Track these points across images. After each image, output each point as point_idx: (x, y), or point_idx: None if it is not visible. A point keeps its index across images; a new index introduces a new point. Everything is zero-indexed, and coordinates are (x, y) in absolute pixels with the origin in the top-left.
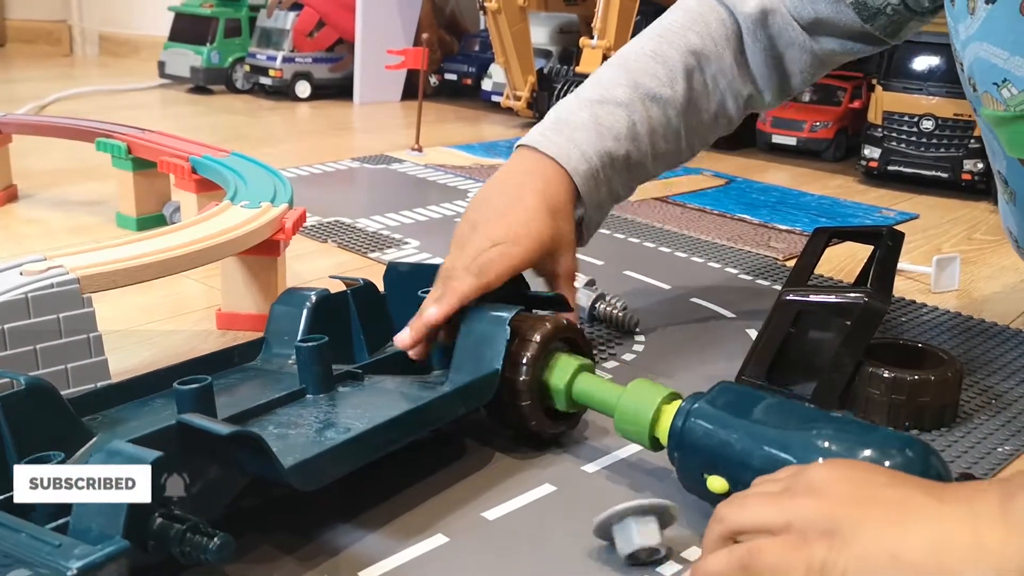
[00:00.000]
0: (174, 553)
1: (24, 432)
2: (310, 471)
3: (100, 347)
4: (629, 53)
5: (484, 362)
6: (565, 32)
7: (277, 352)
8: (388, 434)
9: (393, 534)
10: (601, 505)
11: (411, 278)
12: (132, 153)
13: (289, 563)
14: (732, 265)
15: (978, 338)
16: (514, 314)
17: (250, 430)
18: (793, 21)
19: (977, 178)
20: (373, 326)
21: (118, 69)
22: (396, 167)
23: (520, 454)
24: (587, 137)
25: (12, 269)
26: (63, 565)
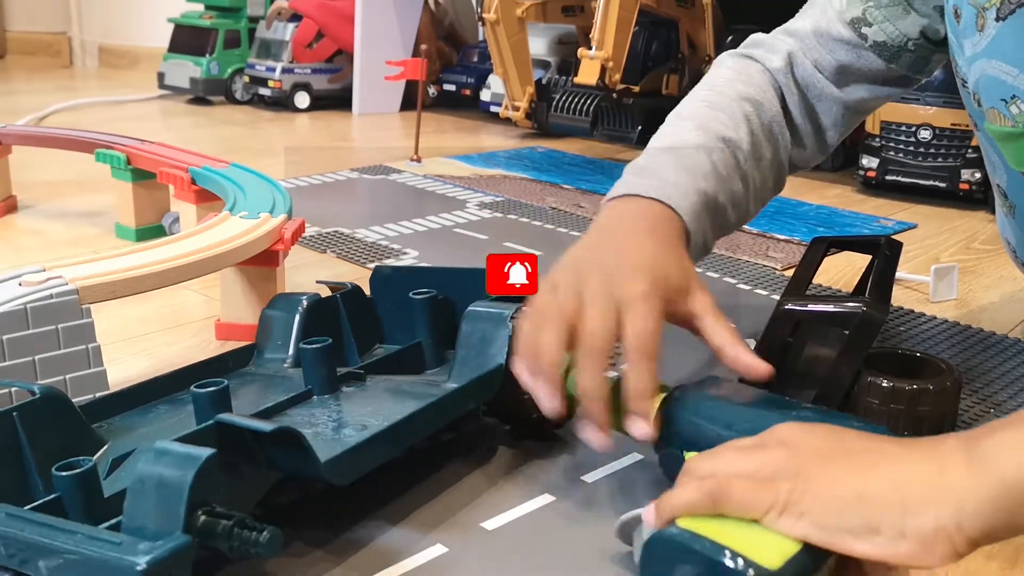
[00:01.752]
0: (222, 548)
1: (39, 440)
2: (344, 466)
3: (99, 358)
4: (683, 109)
5: (488, 357)
6: (563, 43)
7: (270, 357)
8: (410, 428)
9: (392, 544)
10: (600, 515)
11: (397, 281)
12: (131, 164)
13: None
14: (731, 275)
15: (976, 347)
16: (514, 311)
17: (290, 427)
18: (818, 73)
19: (975, 188)
20: (363, 329)
21: (118, 81)
22: (395, 177)
23: (517, 463)
24: (677, 177)
25: (11, 280)
26: (131, 560)
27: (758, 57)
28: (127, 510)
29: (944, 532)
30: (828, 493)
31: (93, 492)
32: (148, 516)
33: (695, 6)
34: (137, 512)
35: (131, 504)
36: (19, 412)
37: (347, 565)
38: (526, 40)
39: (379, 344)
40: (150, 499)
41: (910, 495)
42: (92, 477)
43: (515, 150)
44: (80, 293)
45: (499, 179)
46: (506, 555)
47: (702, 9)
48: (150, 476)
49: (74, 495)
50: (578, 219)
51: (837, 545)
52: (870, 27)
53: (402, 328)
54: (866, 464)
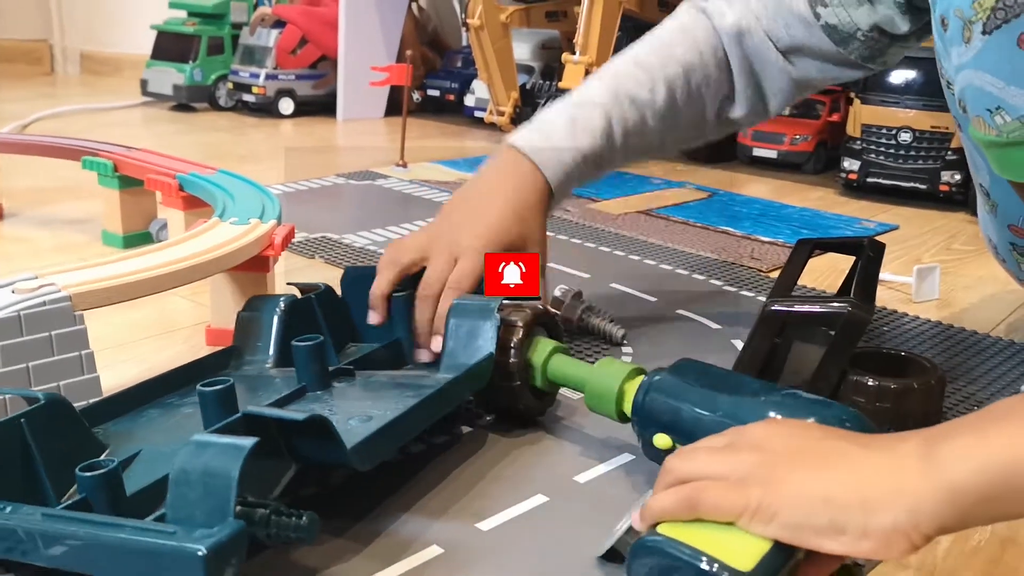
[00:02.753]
0: (259, 536)
1: (46, 445)
2: (367, 452)
3: (92, 364)
4: (615, 63)
5: (477, 349)
6: (547, 48)
7: (250, 359)
8: (419, 416)
9: (388, 546)
10: (593, 515)
11: (367, 280)
12: (119, 171)
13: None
14: (716, 277)
15: (959, 346)
16: (499, 303)
17: (321, 415)
18: (770, 42)
19: (955, 189)
20: (337, 327)
21: (100, 88)
22: (381, 183)
23: (511, 464)
24: (562, 134)
25: (4, 287)
26: (192, 547)
27: (711, 12)
28: (171, 502)
29: (902, 531)
30: (797, 495)
31: (118, 491)
32: (195, 506)
33: None
34: (183, 503)
35: (175, 496)
36: (26, 419)
37: (344, 567)
38: (510, 45)
39: (352, 343)
40: (196, 490)
41: (871, 497)
42: (116, 476)
43: None
44: (73, 300)
45: None
46: (501, 555)
47: None
48: (194, 468)
49: (100, 494)
50: (564, 223)
51: (806, 543)
52: (825, 8)
53: (375, 327)
54: (831, 466)
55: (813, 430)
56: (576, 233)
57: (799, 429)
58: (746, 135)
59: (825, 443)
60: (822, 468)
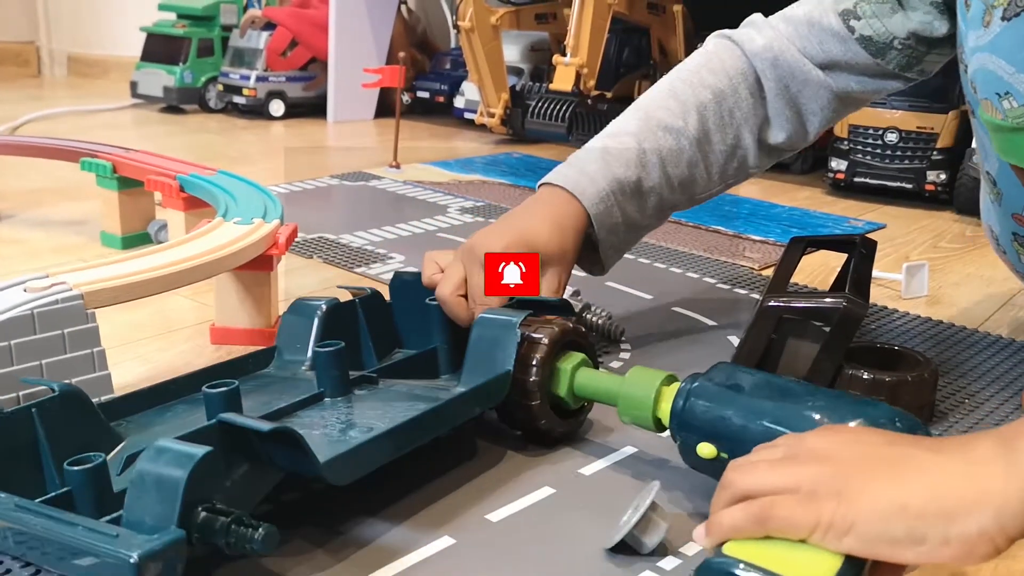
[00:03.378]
0: (219, 544)
1: (58, 436)
2: (343, 466)
3: (104, 361)
4: (645, 95)
5: (496, 364)
6: (536, 50)
7: (289, 359)
8: (412, 432)
9: (402, 537)
10: (600, 505)
11: (416, 287)
12: (118, 172)
13: (297, 566)
14: (710, 275)
15: (948, 341)
16: (523, 318)
17: (288, 427)
18: (804, 59)
19: (940, 189)
20: (380, 333)
21: (88, 90)
22: (375, 184)
23: (518, 458)
24: (596, 166)
25: (16, 286)
26: (125, 553)
27: (739, 39)
28: (128, 504)
29: (987, 535)
30: (872, 507)
31: (103, 487)
32: (147, 511)
33: (666, 13)
34: (136, 507)
35: (131, 499)
36: (38, 408)
37: (355, 559)
38: (500, 47)
39: (397, 349)
40: (149, 494)
41: (951, 504)
42: (102, 472)
43: (491, 156)
44: (85, 298)
45: (478, 184)
46: (511, 545)
47: (673, 16)
48: (149, 472)
49: (84, 489)
50: None
51: (882, 555)
52: (858, 21)
53: (419, 334)
54: (904, 474)
55: (875, 436)
56: None
57: (861, 435)
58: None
59: (893, 450)
60: (895, 477)
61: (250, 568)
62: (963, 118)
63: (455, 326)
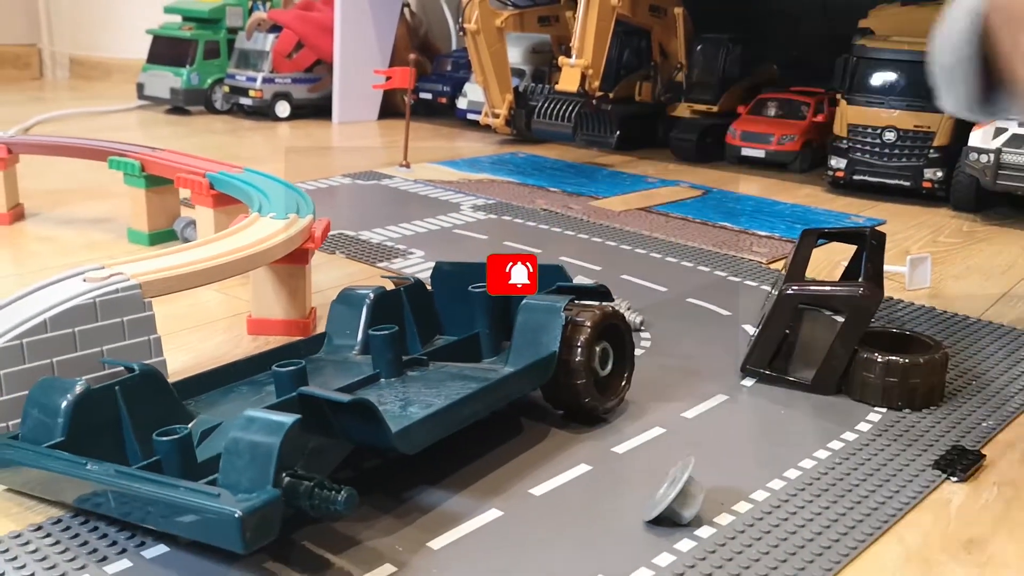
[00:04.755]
0: (303, 507)
1: (137, 412)
2: (411, 436)
3: (159, 348)
4: None
5: (542, 346)
6: (537, 52)
7: (339, 344)
8: (470, 406)
9: (455, 508)
10: (634, 481)
11: (457, 276)
12: (146, 171)
13: (366, 529)
14: (720, 268)
15: (953, 328)
16: (567, 303)
17: (366, 398)
18: None
19: (937, 186)
20: (423, 320)
21: (90, 92)
22: (387, 183)
23: (557, 437)
24: None
25: (75, 277)
26: (230, 509)
27: None
28: (222, 468)
29: None
30: None
31: (188, 456)
32: (242, 474)
33: (667, 16)
34: (231, 471)
35: (226, 464)
36: (120, 386)
37: (418, 524)
38: (505, 49)
39: (439, 335)
40: (243, 459)
41: None
42: (188, 442)
43: (497, 155)
44: (143, 287)
45: (487, 183)
46: (553, 516)
47: (674, 19)
48: (242, 439)
49: (172, 458)
50: (570, 219)
51: None
52: None
53: (460, 320)
54: None
55: None
56: (583, 229)
57: None
58: (735, 136)
59: None
60: None
61: (324, 530)
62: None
63: (496, 313)
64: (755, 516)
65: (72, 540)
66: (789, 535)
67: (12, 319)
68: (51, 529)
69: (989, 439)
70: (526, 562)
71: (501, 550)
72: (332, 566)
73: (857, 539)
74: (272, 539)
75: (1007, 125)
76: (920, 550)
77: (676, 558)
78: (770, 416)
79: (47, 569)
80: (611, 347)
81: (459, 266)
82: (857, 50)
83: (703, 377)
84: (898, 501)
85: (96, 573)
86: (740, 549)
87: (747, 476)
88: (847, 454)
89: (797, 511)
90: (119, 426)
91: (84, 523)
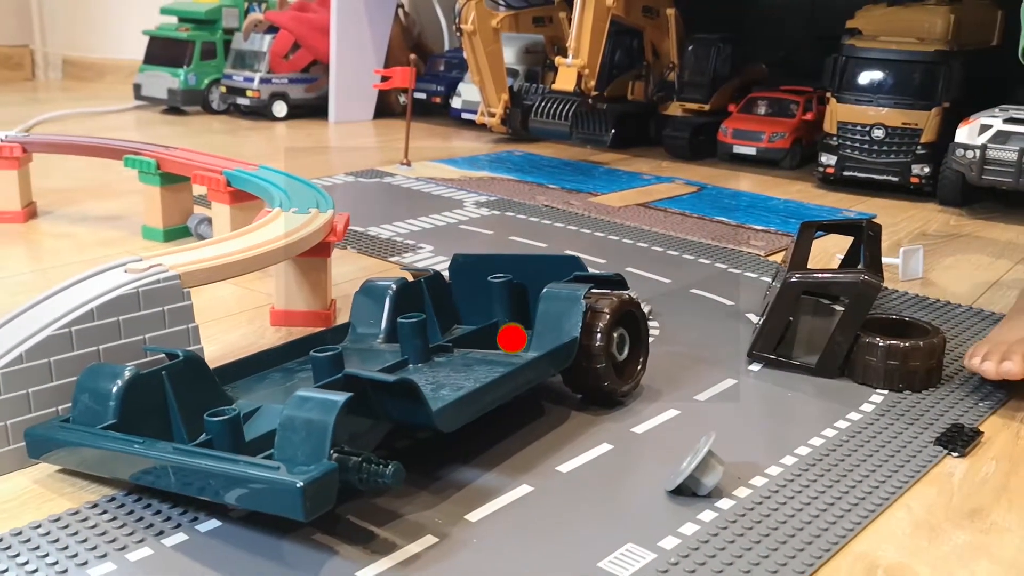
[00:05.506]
0: (352, 481)
1: (183, 395)
2: (450, 415)
3: (197, 336)
4: None
5: (564, 332)
6: (530, 52)
7: (363, 333)
8: (502, 387)
9: (488, 482)
10: (654, 459)
11: (474, 267)
12: (161, 168)
13: (407, 504)
14: (720, 261)
15: (947, 315)
16: (586, 291)
17: (409, 378)
18: None
19: (924, 181)
20: (443, 310)
21: (83, 93)
22: (389, 180)
23: (578, 419)
24: None
25: (116, 268)
26: (291, 480)
27: None
28: (278, 444)
29: None
30: None
31: (237, 434)
32: (297, 449)
33: (660, 16)
34: (287, 446)
35: (281, 440)
36: (167, 371)
37: (454, 499)
38: (501, 50)
39: (456, 325)
40: (299, 435)
41: None
42: (237, 422)
43: (495, 154)
44: (182, 278)
45: (487, 180)
46: (581, 491)
47: (666, 19)
48: (297, 417)
49: (223, 437)
50: (571, 215)
51: None
52: None
53: (477, 310)
54: None
55: None
56: (584, 224)
57: None
58: (726, 134)
59: None
60: None
61: (367, 506)
62: (945, 114)
63: (514, 303)
64: (771, 489)
65: (128, 516)
66: (804, 506)
67: (59, 309)
68: (107, 506)
69: (986, 417)
70: (560, 532)
71: (535, 521)
72: (377, 537)
73: (868, 508)
74: (330, 508)
75: (992, 122)
76: (927, 518)
77: (700, 527)
78: (778, 398)
79: (108, 543)
80: (627, 333)
81: (476, 258)
82: (846, 50)
83: (712, 363)
84: (903, 475)
85: (155, 546)
86: (759, 519)
87: (760, 453)
88: (853, 432)
89: (810, 484)
90: (166, 409)
91: (137, 500)
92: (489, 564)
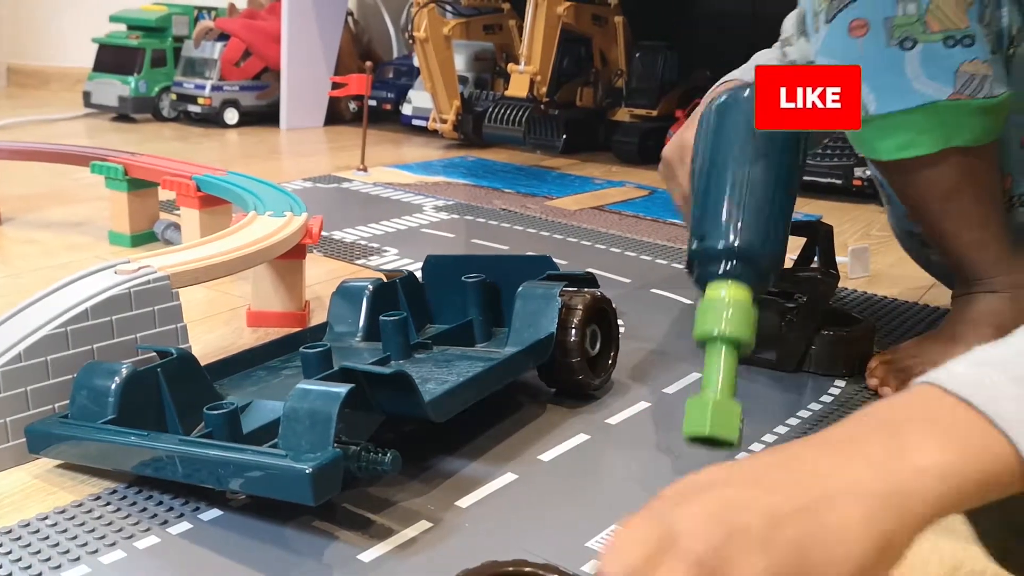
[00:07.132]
0: (351, 469)
1: (177, 392)
2: (442, 406)
3: (185, 335)
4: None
5: (541, 328)
6: (480, 59)
7: (340, 332)
8: (485, 381)
9: (475, 471)
10: (629, 447)
11: (447, 268)
12: (129, 174)
13: (399, 493)
14: (677, 261)
15: (892, 313)
16: (561, 289)
17: (404, 371)
18: None
19: (866, 184)
20: (417, 309)
21: (29, 100)
22: (347, 186)
23: (555, 412)
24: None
25: (106, 270)
26: (300, 466)
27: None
28: (282, 434)
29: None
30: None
31: (236, 427)
32: (302, 437)
33: (608, 24)
34: (291, 435)
35: (285, 430)
36: (162, 368)
37: (444, 487)
38: (452, 57)
39: (429, 324)
40: (303, 425)
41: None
42: (235, 415)
43: (448, 159)
44: (171, 279)
45: (443, 185)
46: (563, 478)
47: (614, 27)
48: (300, 408)
49: (222, 429)
50: (529, 218)
51: None
52: (791, 47)
53: (450, 309)
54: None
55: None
56: (542, 227)
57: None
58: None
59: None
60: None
61: (361, 495)
62: None
63: (487, 301)
64: None
65: (132, 507)
66: None
67: (54, 309)
68: (109, 498)
69: None
70: (547, 516)
71: (522, 506)
72: (374, 524)
73: None
74: (335, 493)
75: None
76: None
77: None
78: (742, 390)
79: (115, 532)
80: (599, 329)
81: (448, 259)
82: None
83: (676, 358)
84: None
85: (160, 535)
86: None
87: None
88: (816, 420)
89: None
90: (161, 404)
91: (138, 492)
92: (483, 546)
